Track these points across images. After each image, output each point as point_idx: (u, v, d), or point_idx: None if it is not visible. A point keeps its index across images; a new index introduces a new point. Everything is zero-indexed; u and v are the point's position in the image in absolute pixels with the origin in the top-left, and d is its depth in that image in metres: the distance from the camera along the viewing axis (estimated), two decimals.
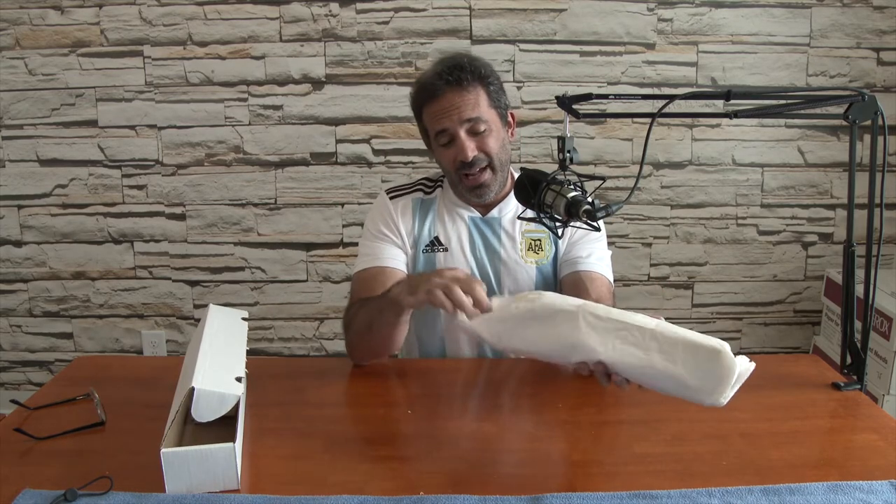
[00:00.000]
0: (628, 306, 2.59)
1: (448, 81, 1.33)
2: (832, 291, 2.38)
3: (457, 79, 1.33)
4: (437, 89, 1.33)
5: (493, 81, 1.37)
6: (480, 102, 1.34)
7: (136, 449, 1.00)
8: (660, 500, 0.88)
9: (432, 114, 1.36)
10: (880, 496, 0.89)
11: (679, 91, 1.81)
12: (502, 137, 1.39)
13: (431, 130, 1.38)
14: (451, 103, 1.33)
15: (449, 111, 1.33)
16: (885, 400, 2.10)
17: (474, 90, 1.34)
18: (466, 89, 1.33)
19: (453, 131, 1.34)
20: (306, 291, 2.54)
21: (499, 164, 1.38)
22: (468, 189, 1.39)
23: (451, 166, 1.38)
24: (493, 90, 1.37)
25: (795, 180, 2.48)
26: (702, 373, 0.92)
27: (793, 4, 2.35)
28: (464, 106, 1.33)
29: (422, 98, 1.38)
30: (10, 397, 1.27)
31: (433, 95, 1.34)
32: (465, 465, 1.00)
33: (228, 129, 2.42)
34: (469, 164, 1.34)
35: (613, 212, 1.01)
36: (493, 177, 1.38)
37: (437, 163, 1.45)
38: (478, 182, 1.37)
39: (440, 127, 1.35)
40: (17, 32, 2.35)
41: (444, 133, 1.35)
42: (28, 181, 2.45)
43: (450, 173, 1.40)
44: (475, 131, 1.34)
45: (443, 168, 1.43)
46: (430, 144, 1.43)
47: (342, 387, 1.27)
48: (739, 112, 1.11)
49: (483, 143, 1.35)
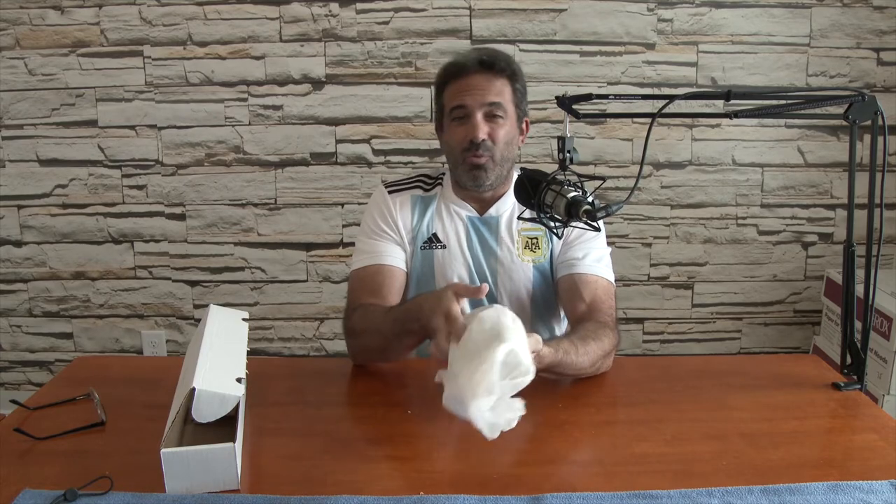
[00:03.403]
0: (628, 306, 2.61)
1: (482, 62, 1.36)
2: (832, 291, 2.38)
3: (490, 65, 1.36)
4: (468, 68, 1.36)
5: (521, 85, 1.41)
6: (505, 92, 1.37)
7: (136, 449, 1.00)
8: (660, 500, 0.88)
9: (456, 88, 1.37)
10: (880, 496, 0.89)
11: (679, 91, 1.81)
12: (513, 135, 1.40)
13: (449, 105, 1.39)
14: (478, 84, 1.35)
15: (473, 90, 1.35)
16: (885, 400, 2.10)
17: (502, 80, 1.37)
18: (497, 76, 1.36)
19: (471, 109, 1.35)
20: (306, 291, 2.54)
21: (501, 157, 1.38)
22: (468, 168, 1.38)
23: (459, 145, 1.38)
24: (518, 90, 1.40)
25: (795, 180, 2.48)
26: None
27: (793, 4, 2.35)
28: (489, 89, 1.35)
29: (450, 73, 1.39)
30: (10, 397, 1.27)
31: (463, 72, 1.37)
32: (465, 465, 1.00)
33: (228, 129, 2.42)
34: (476, 145, 1.35)
35: (613, 212, 1.01)
36: (493, 167, 1.38)
37: (442, 144, 1.45)
38: (478, 163, 1.37)
39: (460, 102, 1.36)
40: (17, 32, 2.35)
41: (461, 108, 1.36)
42: (28, 181, 2.45)
43: (454, 153, 1.40)
44: (492, 115, 1.36)
45: (448, 148, 1.42)
46: (442, 123, 1.43)
47: (342, 387, 1.27)
48: (739, 112, 1.11)
49: (494, 130, 1.36)
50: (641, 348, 2.59)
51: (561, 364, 1.14)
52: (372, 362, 1.33)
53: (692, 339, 2.57)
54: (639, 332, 2.57)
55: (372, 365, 1.32)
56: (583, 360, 1.18)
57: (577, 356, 1.17)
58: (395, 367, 1.37)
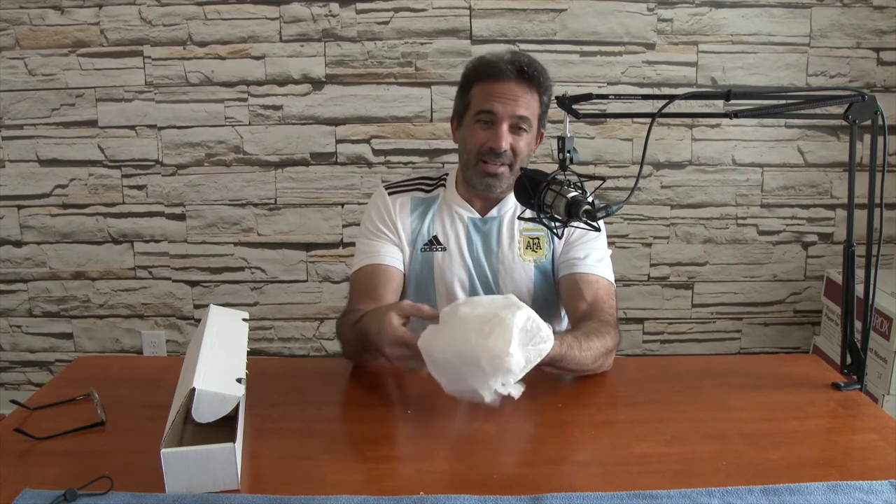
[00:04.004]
0: (628, 306, 2.60)
1: (520, 71, 1.34)
2: (832, 291, 2.38)
3: (529, 75, 1.34)
4: (505, 72, 1.34)
5: (548, 97, 1.40)
6: (533, 106, 1.36)
7: (136, 449, 1.00)
8: (660, 500, 0.88)
9: (487, 91, 1.36)
10: (880, 496, 0.89)
11: (679, 91, 1.81)
12: (531, 147, 1.40)
13: (477, 105, 1.37)
14: (513, 92, 1.34)
15: (506, 98, 1.34)
16: (885, 400, 2.10)
17: (534, 93, 1.36)
18: (530, 88, 1.35)
19: (500, 118, 1.34)
20: (306, 291, 2.54)
21: (517, 168, 1.38)
22: (482, 175, 1.39)
23: (478, 147, 1.37)
24: (545, 103, 1.39)
25: (795, 180, 2.48)
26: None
27: (793, 4, 2.35)
28: (522, 101, 1.34)
29: (483, 73, 1.37)
30: (10, 397, 1.27)
31: (498, 76, 1.35)
32: (465, 465, 1.00)
33: (228, 129, 2.42)
34: (496, 154, 1.35)
35: (613, 212, 1.01)
36: (510, 175, 1.39)
37: (458, 140, 1.44)
38: (495, 171, 1.37)
39: (490, 107, 1.35)
40: (17, 32, 2.35)
41: (489, 114, 1.35)
42: (28, 181, 2.45)
43: (470, 153, 1.39)
44: (517, 127, 1.35)
45: (464, 146, 1.41)
46: (463, 118, 1.42)
47: (342, 387, 1.27)
48: (739, 112, 1.11)
49: (517, 142, 1.36)
50: (641, 348, 2.59)
51: (564, 358, 1.14)
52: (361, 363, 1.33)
53: (692, 340, 2.57)
54: (639, 332, 2.57)
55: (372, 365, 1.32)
56: (585, 356, 1.18)
57: (581, 351, 1.17)
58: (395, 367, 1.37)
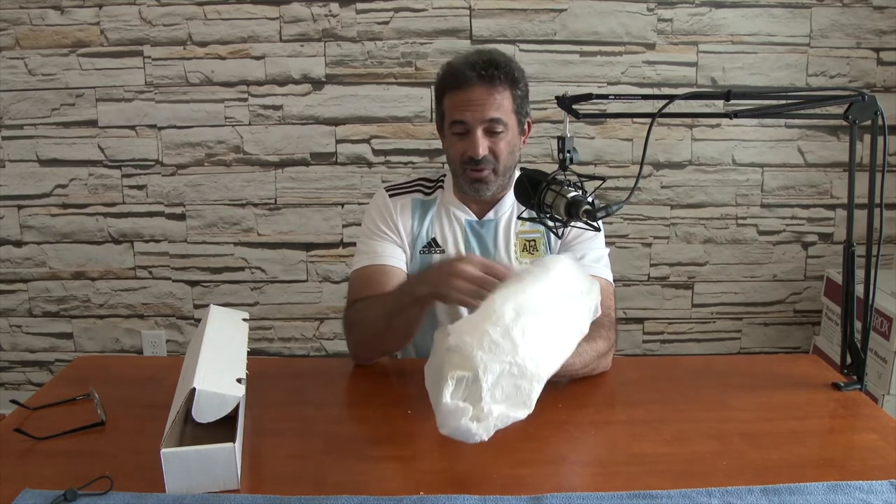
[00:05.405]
0: (628, 306, 2.60)
1: (480, 76, 1.32)
2: (832, 291, 2.38)
3: (489, 76, 1.32)
4: (466, 80, 1.32)
5: (522, 87, 1.37)
6: (504, 104, 1.34)
7: (136, 449, 1.00)
8: (660, 500, 0.88)
9: (455, 102, 1.35)
10: (880, 496, 0.89)
11: (679, 91, 1.81)
12: (514, 143, 1.39)
13: (449, 117, 1.38)
14: (478, 98, 1.32)
15: (472, 105, 1.33)
16: (885, 400, 2.10)
17: (502, 91, 1.34)
18: (496, 88, 1.33)
19: (471, 126, 1.34)
20: (306, 291, 2.54)
21: (503, 168, 1.38)
22: (469, 181, 1.39)
23: (458, 158, 1.38)
24: (519, 95, 1.37)
25: (795, 180, 2.48)
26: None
27: (793, 4, 2.35)
28: (488, 104, 1.32)
29: (450, 83, 1.36)
30: (10, 397, 1.27)
31: (461, 84, 1.33)
32: (465, 465, 1.00)
33: (228, 129, 2.42)
34: (476, 161, 1.35)
35: (613, 212, 1.01)
36: (495, 178, 1.38)
37: (444, 150, 1.45)
38: (480, 177, 1.37)
39: (459, 117, 1.34)
40: (17, 32, 2.35)
41: (461, 124, 1.35)
42: (28, 181, 2.45)
43: (454, 163, 1.40)
44: (492, 131, 1.34)
45: (448, 157, 1.43)
46: (443, 129, 1.42)
47: (342, 387, 1.27)
48: (739, 112, 1.11)
49: (495, 144, 1.35)
50: (641, 348, 2.59)
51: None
52: (370, 355, 1.33)
53: (692, 339, 2.57)
54: (639, 332, 2.57)
55: (371, 365, 1.32)
56: (574, 360, 1.17)
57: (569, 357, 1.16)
58: (395, 366, 1.37)
